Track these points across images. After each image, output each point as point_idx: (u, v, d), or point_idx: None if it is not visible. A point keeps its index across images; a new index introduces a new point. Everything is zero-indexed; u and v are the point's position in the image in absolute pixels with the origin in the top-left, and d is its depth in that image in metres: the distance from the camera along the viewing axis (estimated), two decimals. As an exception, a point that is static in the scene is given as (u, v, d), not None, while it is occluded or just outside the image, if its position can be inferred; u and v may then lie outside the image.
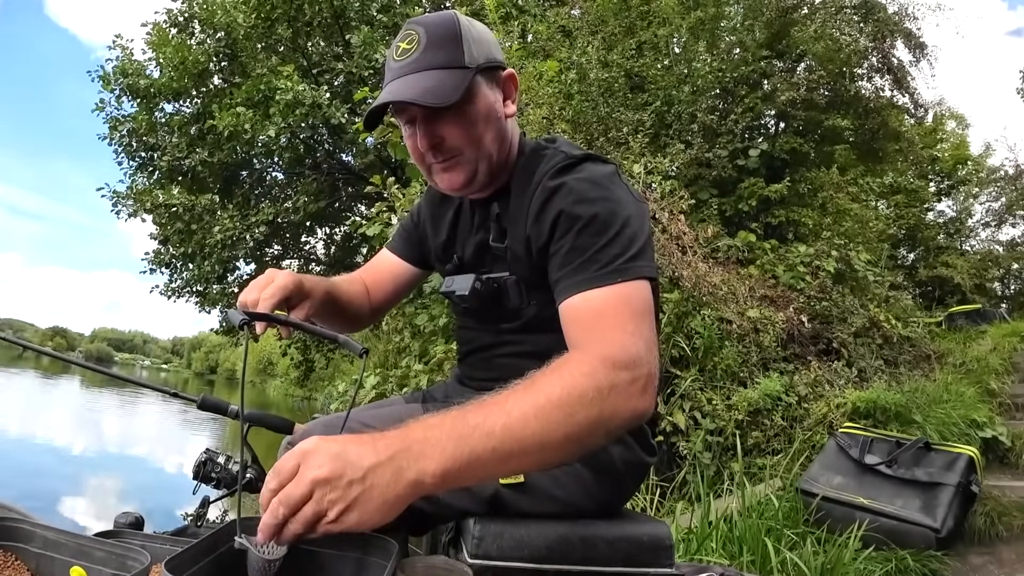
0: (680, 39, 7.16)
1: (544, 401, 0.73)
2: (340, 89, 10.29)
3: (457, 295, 1.09)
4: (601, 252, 0.90)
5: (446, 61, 0.96)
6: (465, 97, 0.96)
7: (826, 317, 4.73)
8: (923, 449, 2.94)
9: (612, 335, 0.83)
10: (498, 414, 0.72)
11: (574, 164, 0.98)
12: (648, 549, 1.01)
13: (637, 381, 0.79)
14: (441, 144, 1.00)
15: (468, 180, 1.03)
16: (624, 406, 0.78)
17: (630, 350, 0.81)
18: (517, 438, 0.71)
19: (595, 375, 0.77)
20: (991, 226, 14.17)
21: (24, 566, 0.78)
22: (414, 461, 0.67)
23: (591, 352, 0.81)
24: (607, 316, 0.86)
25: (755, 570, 2.35)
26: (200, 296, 12.38)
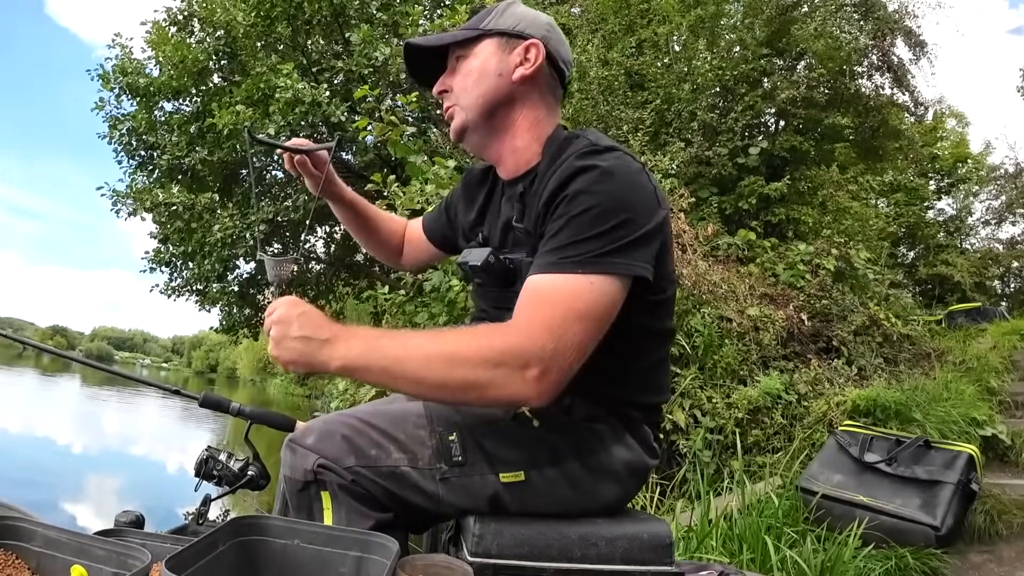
0: (680, 37, 7.16)
1: (436, 351, 0.88)
2: (340, 87, 10.27)
3: (470, 265, 1.11)
4: (582, 242, 0.90)
5: (466, 25, 1.13)
6: (467, 52, 1.10)
7: (826, 315, 4.73)
8: (923, 447, 2.94)
9: (533, 325, 0.87)
10: (400, 345, 0.90)
11: (597, 152, 0.97)
12: (648, 547, 1.01)
13: (526, 369, 0.85)
14: (447, 94, 1.13)
15: (460, 129, 1.12)
16: (505, 389, 0.86)
17: (536, 342, 0.85)
18: (401, 368, 0.88)
19: (491, 352, 0.86)
20: (991, 224, 14.19)
21: (25, 565, 0.78)
22: (329, 349, 0.90)
23: (506, 331, 0.88)
24: (542, 305, 0.89)
25: (755, 568, 2.35)
26: (200, 295, 12.37)
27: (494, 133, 1.12)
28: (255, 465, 1.20)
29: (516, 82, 1.08)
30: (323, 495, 0.96)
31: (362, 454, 0.98)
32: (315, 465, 0.96)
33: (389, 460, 0.99)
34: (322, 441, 0.99)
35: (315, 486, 0.97)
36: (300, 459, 0.98)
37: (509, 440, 1.02)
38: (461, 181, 1.33)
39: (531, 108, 1.11)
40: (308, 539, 0.81)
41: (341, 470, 0.96)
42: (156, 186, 11.07)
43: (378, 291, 4.17)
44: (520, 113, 1.10)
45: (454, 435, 1.01)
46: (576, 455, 1.02)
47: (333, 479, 0.96)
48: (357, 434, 1.00)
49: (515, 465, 1.00)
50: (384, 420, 1.03)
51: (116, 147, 11.48)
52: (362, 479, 0.97)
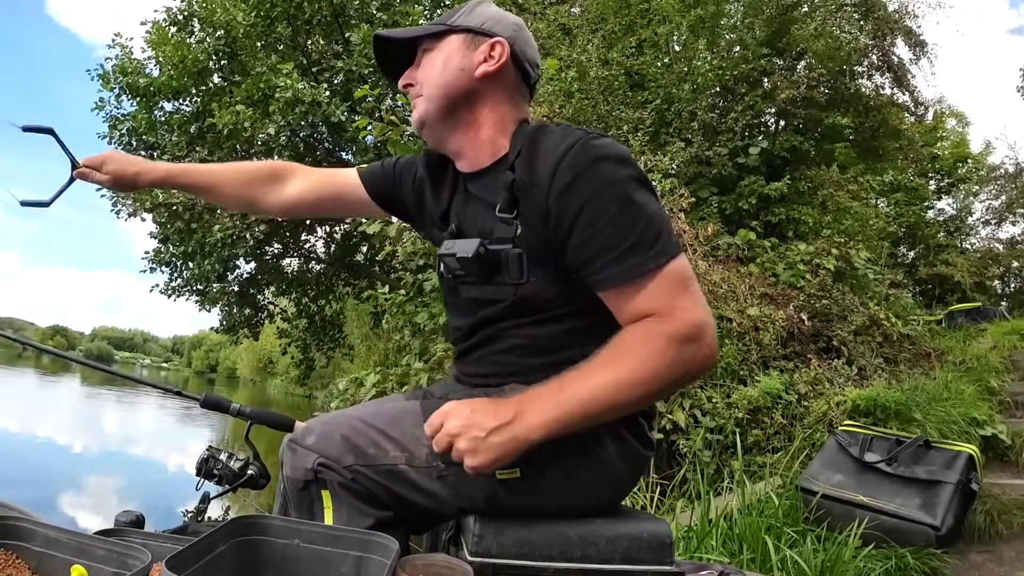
0: (680, 37, 7.16)
1: (624, 378, 0.91)
2: (340, 87, 10.28)
3: (458, 257, 1.07)
4: (642, 235, 0.95)
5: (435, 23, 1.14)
6: (433, 46, 1.12)
7: (826, 315, 4.73)
8: (923, 447, 2.95)
9: (677, 312, 0.93)
10: (588, 386, 0.91)
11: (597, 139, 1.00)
12: (648, 547, 1.01)
13: (702, 348, 0.92)
14: (412, 87, 1.15)
15: (420, 120, 1.13)
16: (691, 372, 0.94)
17: (694, 321, 0.92)
18: (601, 405, 0.91)
19: (667, 354, 0.91)
20: (991, 224, 14.17)
21: (25, 565, 0.78)
22: (525, 427, 0.90)
23: (660, 330, 0.92)
24: (667, 295, 0.94)
25: (755, 568, 2.35)
26: (200, 295, 12.38)
27: (455, 127, 1.12)
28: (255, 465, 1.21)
29: (478, 78, 1.08)
30: (324, 494, 0.97)
31: (361, 453, 0.99)
32: (315, 464, 0.97)
33: (387, 459, 0.99)
34: (322, 441, 1.00)
35: (316, 485, 0.98)
36: (300, 459, 0.99)
37: None
38: (423, 157, 1.28)
39: (495, 105, 1.11)
40: (308, 539, 0.81)
41: (341, 469, 0.97)
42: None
43: (378, 291, 4.18)
44: (483, 109, 1.10)
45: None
46: (572, 450, 1.02)
47: (333, 478, 0.97)
48: (356, 433, 1.00)
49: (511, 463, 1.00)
50: (382, 420, 1.04)
51: (116, 147, 11.48)
52: (362, 477, 0.98)
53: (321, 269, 13.72)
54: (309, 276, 13.51)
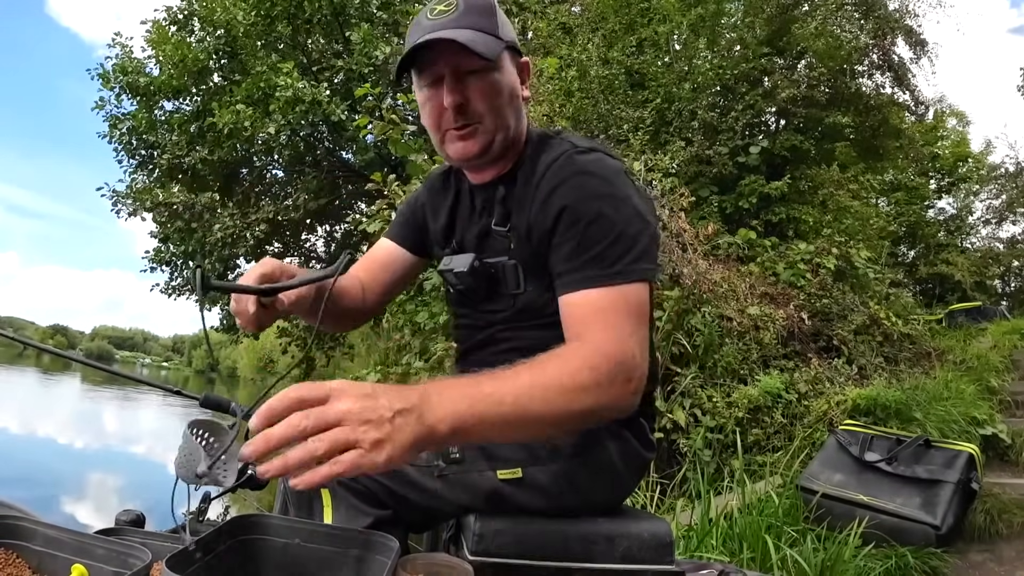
0: (681, 36, 7.15)
1: (550, 383, 0.80)
2: (340, 86, 10.26)
3: (455, 272, 1.08)
4: (607, 251, 0.92)
5: (484, 27, 0.98)
6: (497, 64, 0.99)
7: (826, 314, 4.73)
8: (923, 446, 2.94)
9: (612, 333, 0.88)
10: (509, 387, 0.78)
11: (583, 153, 0.99)
12: (648, 546, 1.01)
13: (631, 381, 0.86)
14: (466, 107, 1.00)
15: (483, 150, 1.02)
16: (617, 402, 0.85)
17: (627, 351, 0.86)
18: (522, 411, 0.78)
19: (598, 369, 0.83)
20: (992, 223, 14.15)
21: (25, 564, 0.78)
22: (431, 412, 0.72)
23: (593, 346, 0.86)
24: (608, 315, 0.90)
25: (755, 567, 2.35)
26: (201, 294, 12.37)
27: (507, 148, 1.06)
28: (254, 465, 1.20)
29: (524, 101, 1.07)
30: (323, 492, 0.97)
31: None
32: None
33: None
34: None
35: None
36: None
37: None
38: (423, 186, 1.29)
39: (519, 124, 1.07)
40: (308, 538, 0.81)
41: None
42: (156, 186, 11.06)
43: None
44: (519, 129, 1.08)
45: None
46: (573, 451, 1.03)
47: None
48: None
49: (513, 463, 1.01)
50: None
51: (116, 146, 11.48)
52: (361, 476, 0.97)
53: (321, 268, 13.72)
54: (309, 275, 13.49)
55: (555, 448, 1.02)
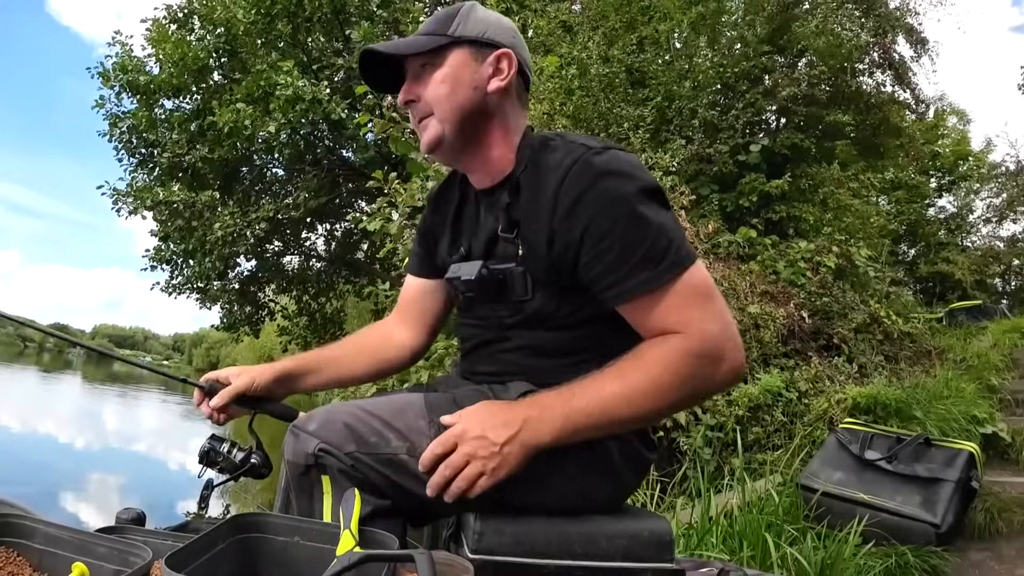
0: (681, 34, 7.15)
1: (635, 392, 0.91)
2: (340, 85, 10.26)
3: (463, 280, 1.10)
4: (650, 250, 0.94)
5: (429, 31, 1.07)
6: (434, 60, 1.06)
7: (827, 313, 4.72)
8: (923, 445, 2.94)
9: (694, 325, 0.92)
10: (597, 400, 0.92)
11: (599, 154, 0.99)
12: (648, 544, 1.01)
13: (723, 363, 0.92)
14: (415, 103, 1.09)
15: (434, 142, 1.08)
16: (708, 386, 0.94)
17: (711, 336, 0.92)
18: (610, 419, 0.92)
19: (681, 371, 0.91)
20: (992, 222, 14.16)
21: (26, 562, 0.79)
22: (532, 435, 0.92)
23: (669, 345, 0.93)
24: (674, 310, 0.94)
25: (755, 565, 2.35)
26: (201, 293, 12.38)
27: (468, 144, 1.09)
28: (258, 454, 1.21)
29: (491, 93, 1.07)
30: (324, 479, 0.98)
31: (362, 441, 0.99)
32: (316, 449, 0.97)
33: (388, 448, 1.00)
34: (324, 427, 1.00)
35: (316, 470, 0.98)
36: (302, 443, 0.99)
37: None
38: (427, 205, 1.31)
39: (503, 119, 1.10)
40: (308, 536, 0.81)
41: (341, 455, 0.97)
42: (156, 184, 11.07)
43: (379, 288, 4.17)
44: (493, 125, 1.09)
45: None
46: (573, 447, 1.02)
47: (333, 463, 0.97)
48: (358, 422, 1.01)
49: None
50: (385, 410, 1.04)
51: (116, 145, 11.48)
52: (361, 465, 0.98)
53: (322, 267, 13.73)
54: (310, 274, 13.52)
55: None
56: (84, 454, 9.13)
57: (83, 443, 10.22)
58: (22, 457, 7.99)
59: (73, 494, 6.57)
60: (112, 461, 8.94)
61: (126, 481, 7.79)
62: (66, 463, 8.17)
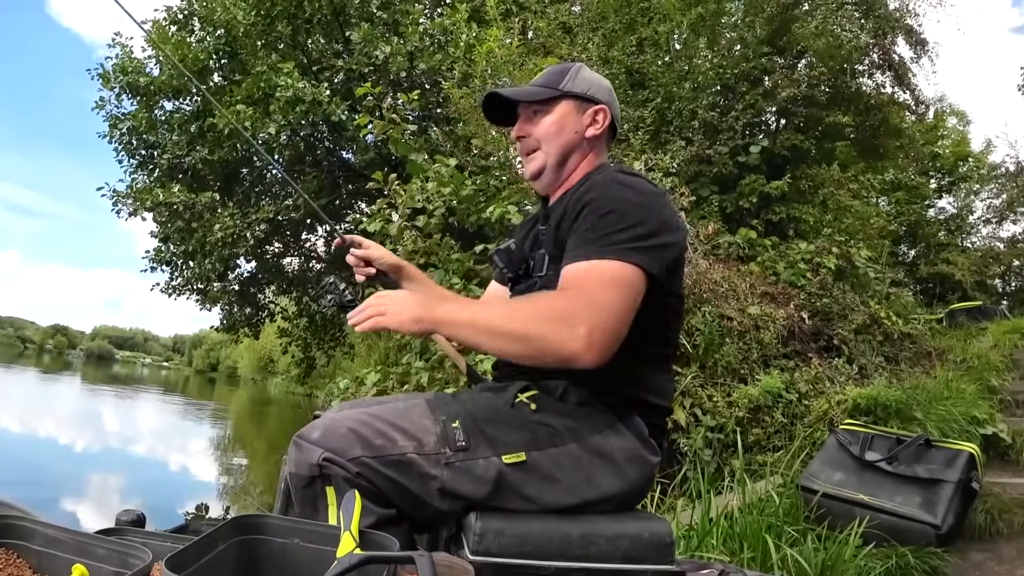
0: (681, 36, 7.15)
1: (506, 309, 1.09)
2: (340, 86, 10.25)
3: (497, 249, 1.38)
4: (611, 234, 1.07)
5: (544, 83, 1.31)
6: (545, 107, 1.30)
7: (827, 314, 4.72)
8: (924, 446, 2.94)
9: (579, 292, 1.03)
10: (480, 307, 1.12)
11: (627, 174, 1.19)
12: (649, 546, 1.01)
13: (577, 332, 0.98)
14: (524, 139, 1.33)
15: (538, 172, 1.32)
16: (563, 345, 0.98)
17: (582, 306, 1.00)
18: (479, 321, 1.03)
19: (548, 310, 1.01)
20: (992, 223, 14.15)
21: (26, 564, 0.79)
22: (429, 313, 1.04)
23: (558, 295, 1.05)
24: (588, 280, 1.04)
25: (756, 567, 2.35)
26: (201, 294, 12.37)
27: (561, 174, 1.32)
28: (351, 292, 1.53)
29: (587, 139, 1.30)
30: (328, 490, 0.98)
31: (368, 444, 1.00)
32: (320, 459, 0.98)
33: (395, 448, 1.01)
34: (328, 434, 1.01)
35: (320, 481, 0.98)
36: (306, 454, 0.99)
37: (508, 424, 1.08)
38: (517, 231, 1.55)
39: (591, 158, 1.32)
40: (308, 538, 0.81)
41: (346, 463, 0.98)
42: (156, 185, 11.05)
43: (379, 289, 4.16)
44: (582, 161, 1.32)
45: (457, 422, 1.06)
46: (572, 436, 1.09)
47: (338, 473, 0.98)
48: (363, 425, 1.02)
49: (516, 447, 1.05)
50: (389, 412, 1.07)
51: (116, 146, 11.47)
52: (367, 470, 0.98)
53: (322, 268, 13.71)
54: (310, 275, 13.50)
55: (556, 434, 1.08)
56: (84, 455, 9.13)
57: (83, 444, 10.21)
58: (22, 458, 7.98)
59: (73, 496, 6.57)
60: (112, 462, 8.94)
61: (126, 482, 7.79)
62: (66, 465, 8.17)
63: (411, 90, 6.07)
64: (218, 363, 72.51)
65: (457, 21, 7.38)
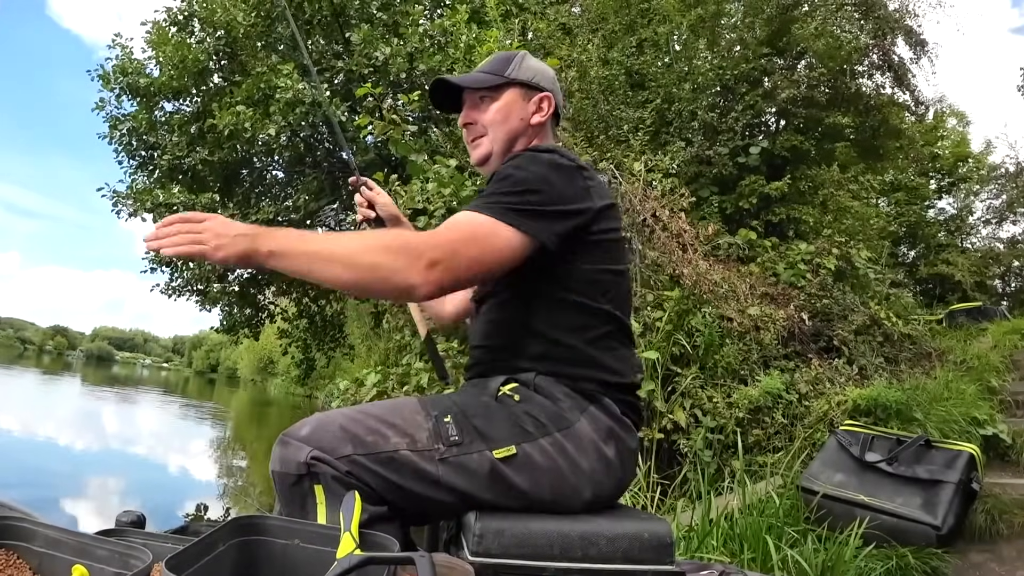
0: (681, 37, 7.16)
1: (352, 238, 1.05)
2: (340, 87, 10.26)
3: None
4: (498, 195, 1.10)
5: (490, 70, 1.34)
6: (492, 94, 1.32)
7: (827, 315, 4.72)
8: (924, 447, 2.94)
9: (437, 233, 1.05)
10: (322, 236, 1.09)
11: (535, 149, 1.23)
12: (649, 547, 1.01)
13: (418, 264, 0.99)
14: (471, 126, 1.35)
15: (484, 157, 1.34)
16: (397, 273, 0.99)
17: (432, 244, 1.02)
18: (320, 250, 1.00)
19: (394, 242, 1.04)
20: (992, 223, 14.17)
21: (26, 565, 0.79)
22: (262, 239, 1.00)
23: (414, 237, 1.09)
24: (453, 225, 1.07)
25: (756, 568, 2.35)
26: (201, 295, 12.37)
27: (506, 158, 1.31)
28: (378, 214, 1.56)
29: (532, 126, 1.33)
30: (316, 489, 0.96)
31: (359, 441, 0.99)
32: (308, 457, 0.96)
33: (388, 445, 1.00)
34: (317, 432, 0.99)
35: (308, 479, 0.96)
36: (293, 452, 0.97)
37: (496, 418, 1.08)
38: None
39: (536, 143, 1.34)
40: (308, 539, 0.81)
41: (335, 461, 0.96)
42: (157, 186, 11.05)
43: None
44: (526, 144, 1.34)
45: (448, 417, 1.06)
46: (555, 425, 1.10)
47: (327, 471, 0.96)
48: (354, 423, 1.01)
49: (505, 441, 1.06)
50: (380, 410, 1.06)
51: (116, 147, 11.47)
52: (358, 468, 0.97)
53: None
54: (310, 276, 13.48)
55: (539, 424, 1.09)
56: (84, 457, 9.12)
57: (83, 446, 10.20)
58: (22, 460, 7.98)
59: (73, 497, 6.56)
60: (112, 464, 8.93)
61: (126, 484, 7.78)
62: (66, 466, 8.16)
63: (411, 91, 6.08)
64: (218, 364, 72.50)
65: (457, 22, 7.39)
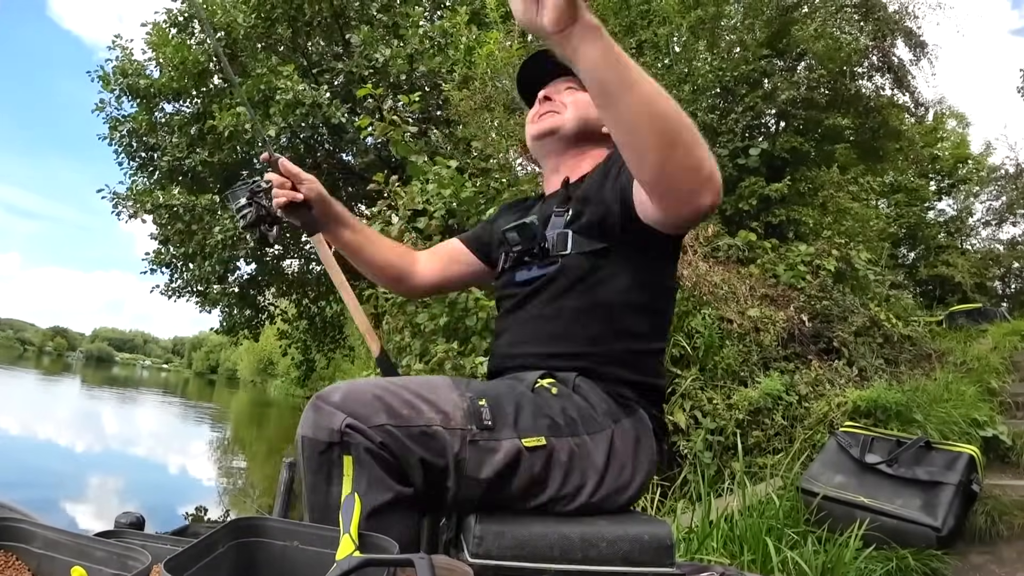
0: (680, 38, 7.16)
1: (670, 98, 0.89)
2: (340, 89, 10.27)
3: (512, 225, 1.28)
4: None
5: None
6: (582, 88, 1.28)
7: (827, 316, 4.72)
8: (924, 448, 2.94)
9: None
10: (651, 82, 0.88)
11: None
12: (649, 548, 1.01)
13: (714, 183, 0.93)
14: (549, 100, 1.34)
15: (550, 130, 1.32)
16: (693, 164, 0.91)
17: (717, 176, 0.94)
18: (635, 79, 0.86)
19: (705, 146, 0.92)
20: (992, 225, 14.18)
21: (25, 566, 0.78)
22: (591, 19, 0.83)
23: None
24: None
25: (756, 569, 2.35)
26: (200, 296, 12.38)
27: (573, 147, 1.33)
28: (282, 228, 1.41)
29: (605, 135, 1.29)
30: (346, 459, 0.91)
31: (394, 413, 0.95)
32: (343, 425, 0.91)
33: (422, 419, 0.97)
34: (350, 399, 0.94)
35: (339, 448, 0.91)
36: (326, 418, 0.92)
37: (532, 408, 1.07)
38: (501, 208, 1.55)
39: (604, 151, 1.31)
40: (307, 541, 0.81)
41: (370, 431, 0.92)
42: (157, 187, 11.07)
43: (379, 290, 4.17)
44: (595, 150, 1.33)
45: (483, 400, 1.04)
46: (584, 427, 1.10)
47: (360, 441, 0.91)
48: (389, 394, 0.97)
49: (537, 431, 1.05)
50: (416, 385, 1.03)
51: (116, 148, 11.49)
52: (391, 440, 0.93)
53: (322, 270, 13.71)
54: (310, 277, 13.51)
55: (572, 422, 1.09)
56: (83, 457, 9.12)
57: (82, 446, 10.20)
58: (21, 461, 7.98)
59: (72, 498, 6.56)
60: (111, 464, 8.93)
61: (125, 485, 7.78)
62: (65, 467, 8.16)
63: (411, 92, 6.08)
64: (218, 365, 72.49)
65: (457, 24, 7.40)
